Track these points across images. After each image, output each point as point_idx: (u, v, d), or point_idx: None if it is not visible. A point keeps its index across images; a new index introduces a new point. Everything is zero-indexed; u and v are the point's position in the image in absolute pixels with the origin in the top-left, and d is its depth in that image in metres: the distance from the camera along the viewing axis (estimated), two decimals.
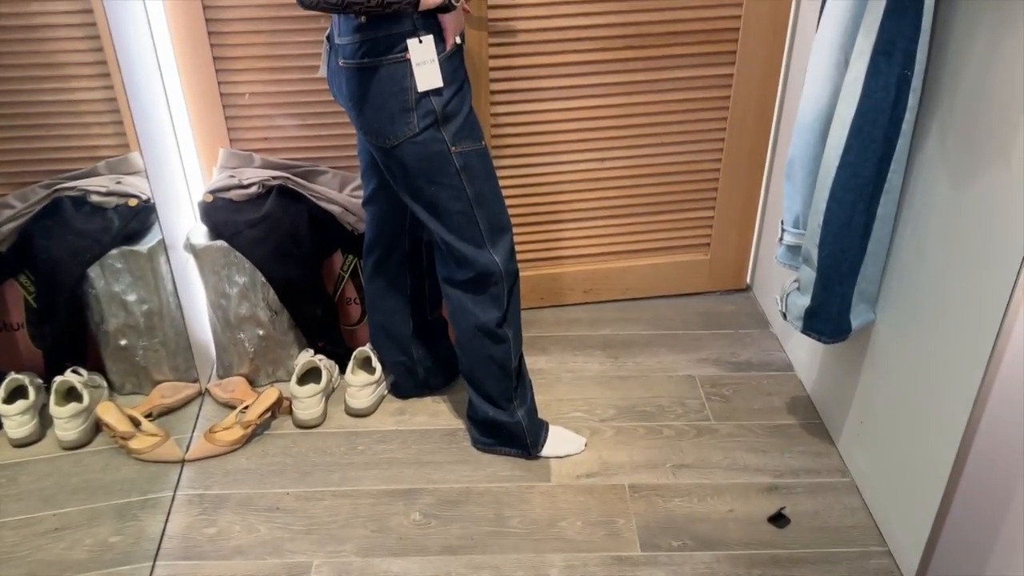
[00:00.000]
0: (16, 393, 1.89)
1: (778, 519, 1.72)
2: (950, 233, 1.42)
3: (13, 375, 1.89)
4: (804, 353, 2.08)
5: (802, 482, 1.81)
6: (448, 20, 1.47)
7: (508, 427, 1.83)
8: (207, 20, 1.89)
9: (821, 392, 1.99)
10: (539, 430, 1.86)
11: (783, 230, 1.79)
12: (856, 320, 1.67)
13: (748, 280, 2.48)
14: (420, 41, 1.45)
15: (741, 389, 2.08)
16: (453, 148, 1.55)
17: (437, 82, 1.48)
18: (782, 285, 1.77)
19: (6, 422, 1.85)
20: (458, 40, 1.52)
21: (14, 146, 1.96)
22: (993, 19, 1.29)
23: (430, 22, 1.46)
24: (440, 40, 1.48)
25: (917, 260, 1.54)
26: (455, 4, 1.45)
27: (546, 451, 1.86)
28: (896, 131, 1.46)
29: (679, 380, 2.11)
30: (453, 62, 1.52)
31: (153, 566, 1.62)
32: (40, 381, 1.95)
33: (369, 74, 1.48)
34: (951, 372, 1.43)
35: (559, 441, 1.88)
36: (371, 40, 1.46)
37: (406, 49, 1.45)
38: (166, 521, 1.72)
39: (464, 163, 1.57)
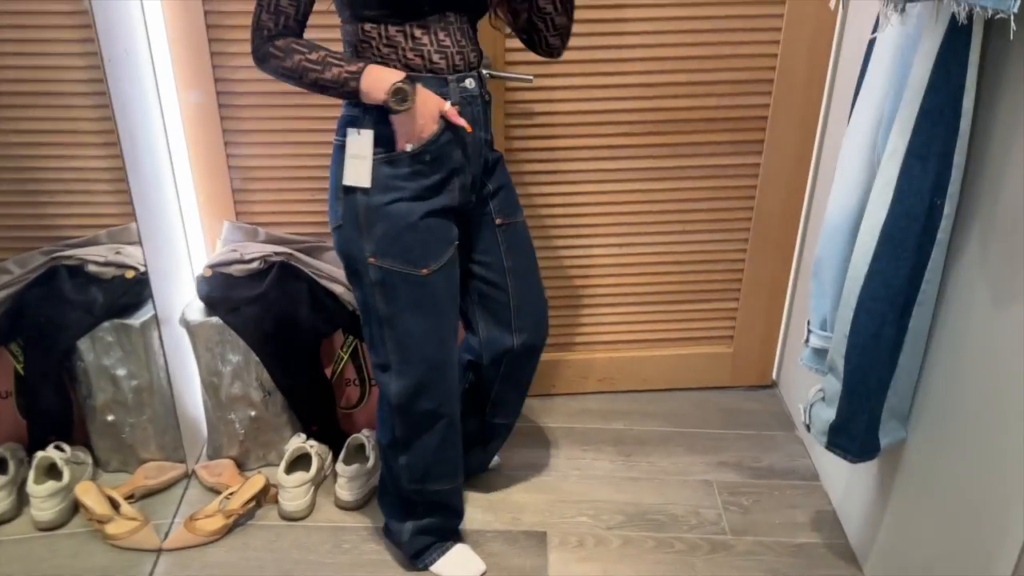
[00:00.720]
0: None
1: None
2: (989, 352, 1.29)
3: None
4: (832, 463, 1.93)
5: None
6: (397, 123, 1.37)
7: (391, 529, 1.73)
8: (218, 93, 1.85)
9: (848, 509, 1.83)
10: (424, 551, 1.70)
11: (809, 331, 1.66)
12: (885, 438, 1.53)
13: (774, 376, 2.34)
14: (359, 133, 1.38)
15: (762, 499, 1.93)
16: (371, 259, 1.44)
17: (363, 182, 1.39)
18: (807, 394, 1.64)
19: None
20: (410, 148, 1.38)
21: (17, 211, 1.93)
22: None
23: (384, 119, 1.37)
24: (389, 141, 1.39)
25: (952, 379, 1.40)
26: (397, 108, 1.33)
27: (435, 568, 1.70)
28: (931, 239, 1.35)
29: (695, 485, 1.97)
30: (398, 168, 1.40)
31: None
32: (23, 455, 1.88)
33: (333, 150, 1.46)
34: (994, 503, 1.28)
35: (453, 563, 1.71)
36: (341, 116, 1.44)
37: (345, 135, 1.40)
38: None
39: (381, 279, 1.44)
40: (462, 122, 1.39)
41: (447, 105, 1.39)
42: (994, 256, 1.29)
